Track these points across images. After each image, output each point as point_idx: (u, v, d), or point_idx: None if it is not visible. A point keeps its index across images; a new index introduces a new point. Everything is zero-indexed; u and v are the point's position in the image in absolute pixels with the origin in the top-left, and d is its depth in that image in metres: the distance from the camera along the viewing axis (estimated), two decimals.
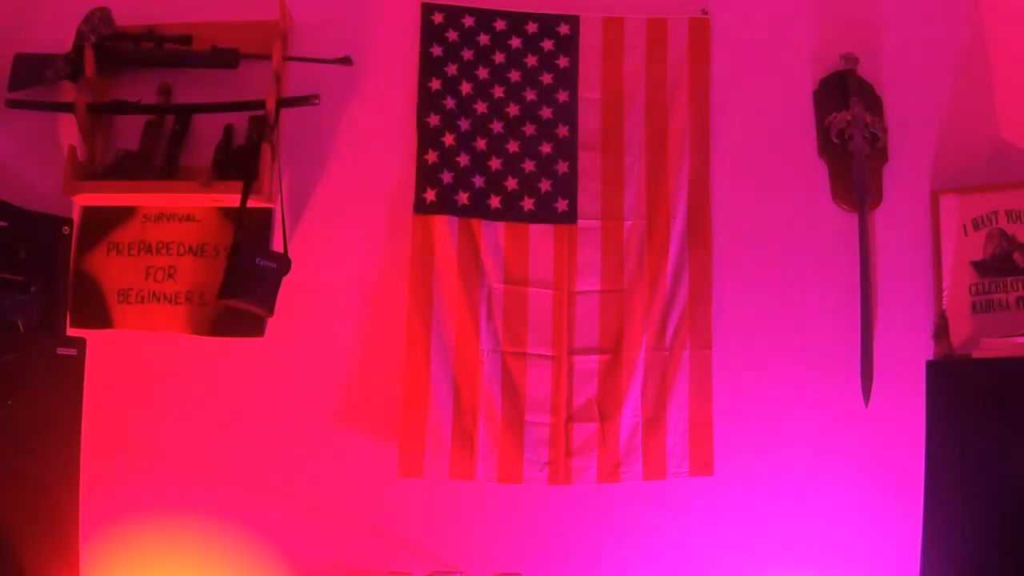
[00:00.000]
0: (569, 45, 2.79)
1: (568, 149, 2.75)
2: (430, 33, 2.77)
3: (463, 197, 2.70)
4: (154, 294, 2.66)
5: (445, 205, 2.68)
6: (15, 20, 2.78)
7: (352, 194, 2.73)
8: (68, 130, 2.68)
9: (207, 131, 2.70)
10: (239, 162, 2.62)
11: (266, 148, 2.59)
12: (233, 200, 2.57)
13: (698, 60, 2.79)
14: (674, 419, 2.62)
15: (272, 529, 2.59)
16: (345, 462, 2.61)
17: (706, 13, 2.82)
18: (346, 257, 2.71)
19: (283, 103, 2.62)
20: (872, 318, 2.61)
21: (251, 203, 2.58)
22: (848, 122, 2.70)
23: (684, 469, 2.60)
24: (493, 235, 2.70)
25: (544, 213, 2.72)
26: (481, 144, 2.73)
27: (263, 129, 2.61)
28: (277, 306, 2.56)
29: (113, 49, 2.66)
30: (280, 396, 2.64)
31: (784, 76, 2.81)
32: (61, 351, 2.31)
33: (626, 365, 2.64)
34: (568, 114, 2.76)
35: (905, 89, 2.78)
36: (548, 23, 2.80)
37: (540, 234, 2.71)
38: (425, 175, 2.70)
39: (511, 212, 2.71)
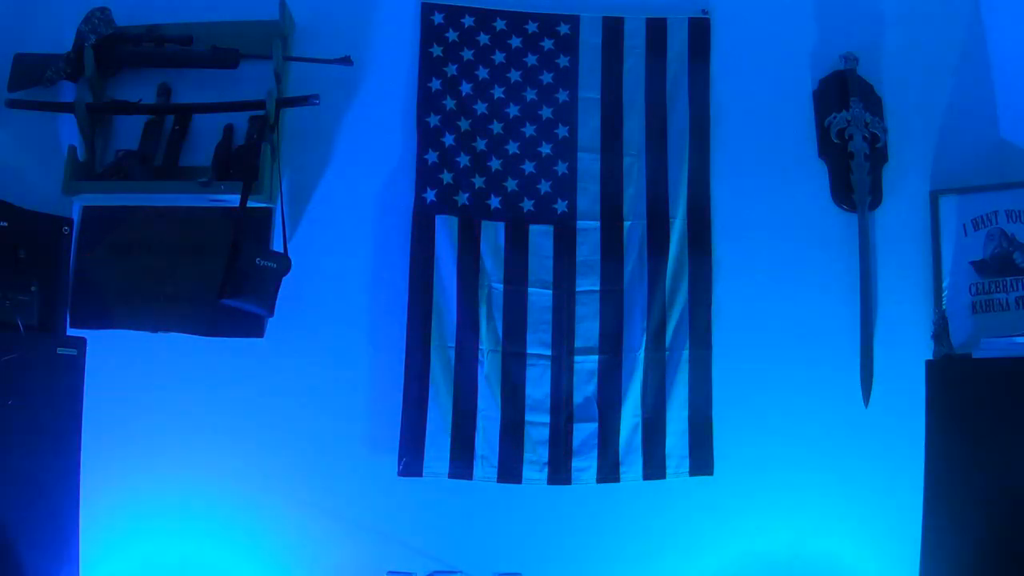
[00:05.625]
0: (569, 45, 2.79)
1: (568, 150, 2.75)
2: (430, 33, 2.77)
3: (463, 197, 2.70)
4: (154, 294, 2.66)
5: (445, 205, 2.68)
6: (15, 20, 2.79)
7: (352, 194, 2.73)
8: (68, 130, 2.68)
9: (207, 131, 2.71)
10: (239, 162, 2.62)
11: (266, 148, 2.59)
12: (233, 200, 2.57)
13: (698, 60, 2.79)
14: (674, 419, 2.61)
15: (272, 529, 2.59)
16: (345, 462, 2.61)
17: (706, 13, 2.82)
18: (346, 257, 2.71)
19: (283, 103, 2.62)
20: (872, 318, 2.62)
21: (251, 203, 2.58)
22: (848, 122, 2.70)
23: (684, 469, 2.60)
24: (493, 235, 2.70)
25: (544, 213, 2.72)
26: (481, 144, 2.73)
27: (263, 129, 2.62)
28: (277, 306, 2.56)
29: (113, 49, 2.67)
30: (280, 396, 2.64)
31: (784, 76, 2.81)
32: (61, 351, 2.31)
33: (626, 365, 2.64)
34: (568, 114, 2.76)
35: (905, 89, 2.78)
36: (548, 23, 2.80)
37: (540, 234, 2.71)
38: (425, 175, 2.70)
39: (511, 212, 2.71)
